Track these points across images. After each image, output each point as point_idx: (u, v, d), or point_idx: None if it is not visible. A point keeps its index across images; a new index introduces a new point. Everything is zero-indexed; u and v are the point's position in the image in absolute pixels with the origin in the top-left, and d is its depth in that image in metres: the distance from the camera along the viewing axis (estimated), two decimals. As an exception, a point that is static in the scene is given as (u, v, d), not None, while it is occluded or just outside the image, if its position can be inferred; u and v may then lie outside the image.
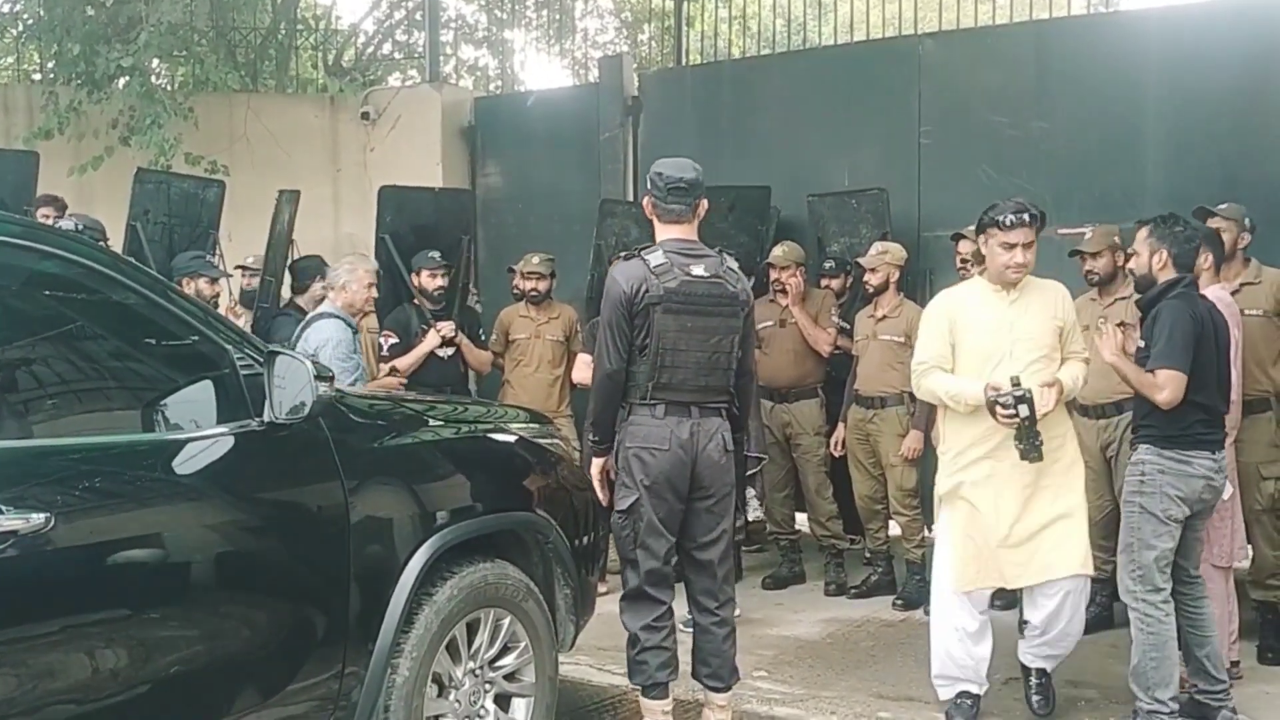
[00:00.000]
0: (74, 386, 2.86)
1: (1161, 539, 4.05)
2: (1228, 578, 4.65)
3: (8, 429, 2.58)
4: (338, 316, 5.39)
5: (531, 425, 4.00)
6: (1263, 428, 4.89)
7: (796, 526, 6.70)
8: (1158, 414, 4.08)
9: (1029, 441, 3.97)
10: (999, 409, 3.96)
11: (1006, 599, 4.93)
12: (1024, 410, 3.93)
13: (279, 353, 2.91)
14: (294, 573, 2.99)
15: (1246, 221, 4.98)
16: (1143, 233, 4.26)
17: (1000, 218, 4.11)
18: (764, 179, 7.17)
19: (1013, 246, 4.09)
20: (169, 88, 9.29)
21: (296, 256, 6.99)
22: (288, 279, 6.78)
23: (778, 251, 6.37)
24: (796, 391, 6.38)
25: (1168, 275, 4.18)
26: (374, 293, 5.66)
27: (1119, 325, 4.60)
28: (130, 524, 2.62)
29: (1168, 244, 4.17)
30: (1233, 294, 4.82)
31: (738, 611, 5.66)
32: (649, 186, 3.92)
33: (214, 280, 5.98)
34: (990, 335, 4.17)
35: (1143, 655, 4.08)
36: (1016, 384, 3.94)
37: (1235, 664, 4.66)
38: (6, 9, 10.70)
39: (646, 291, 3.74)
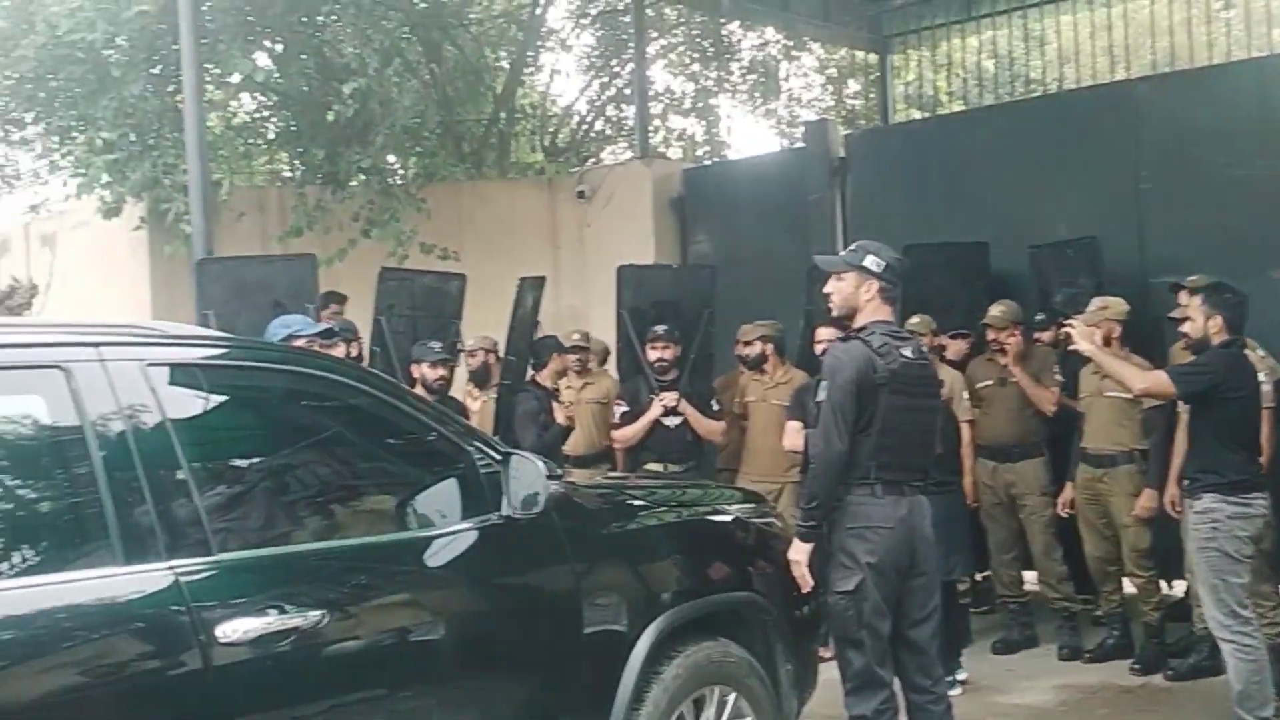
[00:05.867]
0: (337, 490, 3.20)
1: (1239, 575, 4.52)
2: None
3: (289, 533, 2.93)
4: None
5: (746, 505, 4.15)
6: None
7: (1026, 587, 6.57)
8: (1219, 464, 4.56)
9: None
10: None
11: None
12: None
13: (512, 453, 3.18)
14: (533, 654, 3.22)
15: None
16: (1196, 300, 4.77)
17: None
18: (977, 234, 7.13)
19: None
20: (403, 182, 10.00)
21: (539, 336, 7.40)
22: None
23: (995, 312, 6.33)
24: (1019, 451, 6.30)
25: (1221, 338, 4.65)
26: None
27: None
28: (389, 616, 2.91)
29: (1221, 310, 4.65)
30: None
31: (965, 676, 5.67)
32: (873, 270, 3.99)
33: (435, 364, 6.28)
34: None
35: (1246, 681, 4.52)
36: None
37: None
38: (260, 117, 11.75)
39: (874, 372, 3.85)
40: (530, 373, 6.93)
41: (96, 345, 2.63)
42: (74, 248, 11.41)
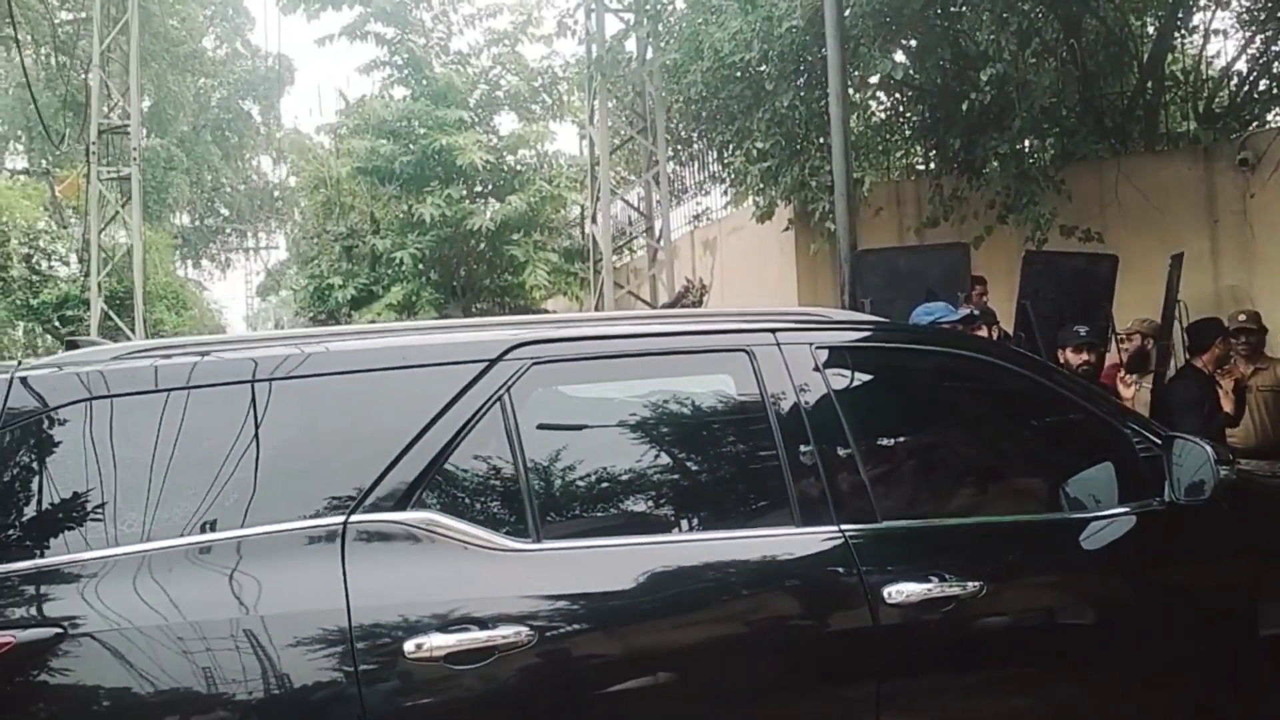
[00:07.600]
0: (986, 467, 3.26)
1: None
2: None
3: (942, 506, 3.05)
4: None
5: None
6: None
7: None
8: None
9: None
10: None
11: None
12: None
13: (1176, 436, 3.02)
14: (1197, 653, 3.02)
15: None
16: None
17: None
18: None
19: None
20: (1040, 164, 9.75)
21: (1186, 318, 6.91)
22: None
23: None
24: None
25: None
26: None
27: None
28: (1042, 597, 2.92)
29: None
30: None
31: None
32: None
33: (1079, 349, 6.04)
34: None
35: None
36: None
37: None
38: (896, 114, 12.10)
39: None
40: (1185, 358, 6.49)
41: (773, 330, 2.93)
42: (730, 250, 12.64)
